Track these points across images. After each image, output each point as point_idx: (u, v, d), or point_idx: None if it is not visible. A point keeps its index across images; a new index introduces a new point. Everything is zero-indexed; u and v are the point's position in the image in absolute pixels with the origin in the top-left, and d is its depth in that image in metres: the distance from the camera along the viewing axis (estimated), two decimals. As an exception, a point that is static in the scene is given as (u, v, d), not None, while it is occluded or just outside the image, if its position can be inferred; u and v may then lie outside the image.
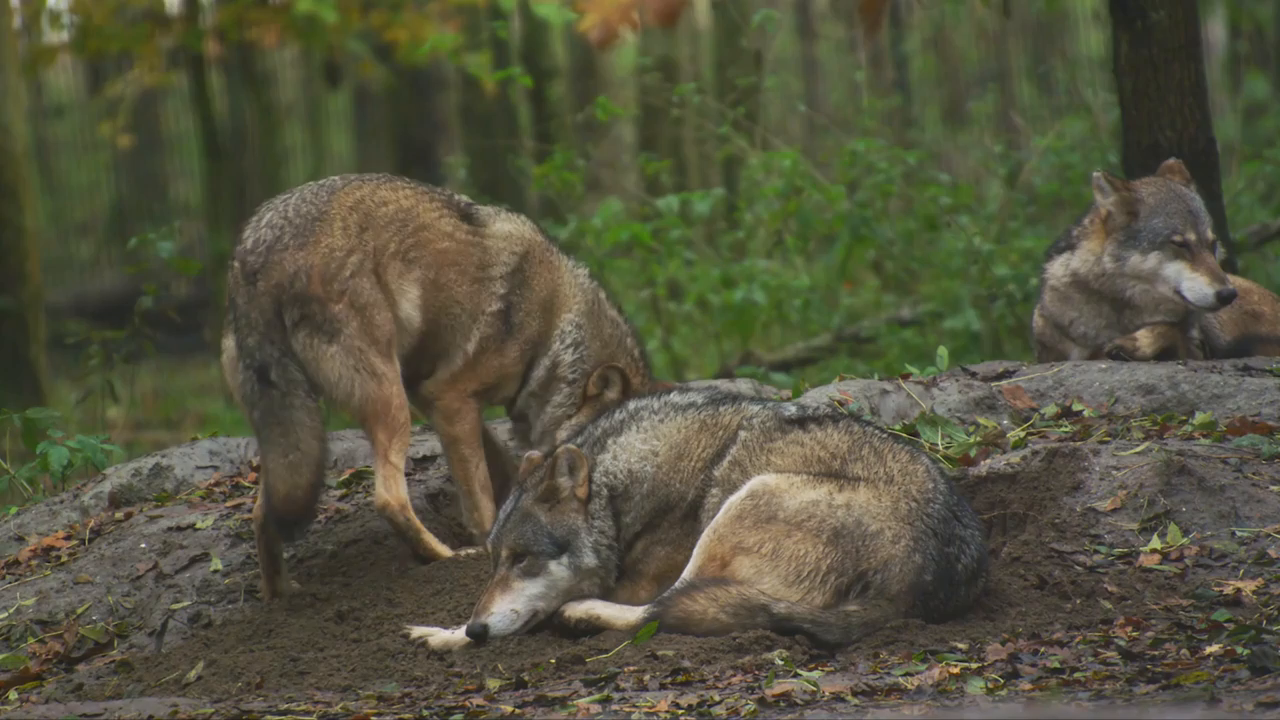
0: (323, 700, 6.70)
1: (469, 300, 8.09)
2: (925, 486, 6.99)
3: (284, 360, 7.76)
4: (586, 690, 6.52)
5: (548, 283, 8.21)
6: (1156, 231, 9.06)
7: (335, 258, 7.86)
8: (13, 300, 16.18)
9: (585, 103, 19.15)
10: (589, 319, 8.27)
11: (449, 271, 8.04)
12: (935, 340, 15.56)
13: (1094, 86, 17.65)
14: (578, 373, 8.22)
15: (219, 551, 8.19)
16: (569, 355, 8.23)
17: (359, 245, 7.91)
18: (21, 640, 7.93)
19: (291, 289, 7.81)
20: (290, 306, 7.81)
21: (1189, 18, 10.49)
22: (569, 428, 8.12)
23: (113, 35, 21.89)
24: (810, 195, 15.86)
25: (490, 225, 8.18)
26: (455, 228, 8.09)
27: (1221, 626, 6.65)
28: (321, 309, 7.81)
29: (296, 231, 7.91)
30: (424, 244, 8.02)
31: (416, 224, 8.02)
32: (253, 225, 7.93)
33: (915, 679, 6.33)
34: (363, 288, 7.86)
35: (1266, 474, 7.63)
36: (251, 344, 7.78)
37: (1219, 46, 22.20)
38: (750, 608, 6.82)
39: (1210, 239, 9.06)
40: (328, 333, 7.80)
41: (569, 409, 8.22)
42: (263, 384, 7.76)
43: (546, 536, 7.11)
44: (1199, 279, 8.98)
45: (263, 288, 7.83)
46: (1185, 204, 9.08)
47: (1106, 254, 9.12)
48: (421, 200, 8.09)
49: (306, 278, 7.82)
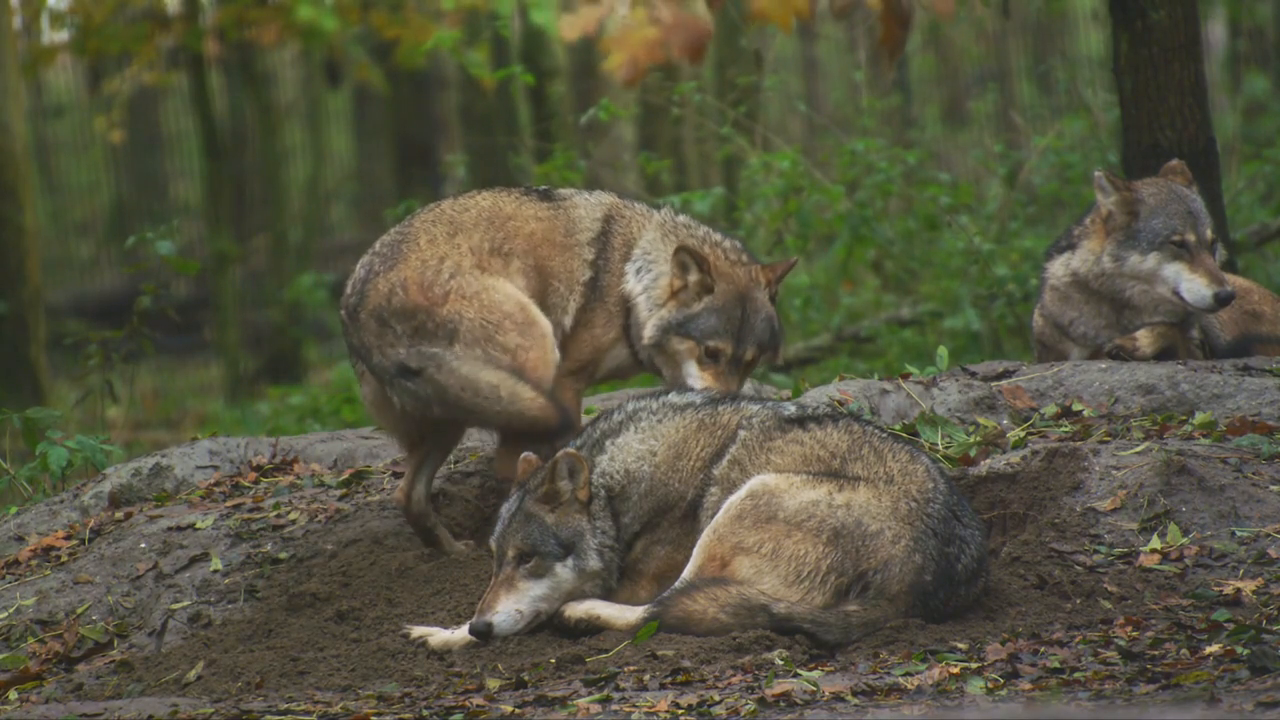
0: (323, 700, 6.70)
1: (564, 271, 7.99)
2: (925, 486, 6.99)
3: (412, 349, 7.70)
4: (586, 690, 6.52)
5: (624, 234, 8.10)
6: (1156, 232, 9.05)
7: (430, 265, 7.80)
8: (13, 300, 16.18)
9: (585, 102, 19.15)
10: (661, 240, 8.10)
11: (544, 249, 7.95)
12: (935, 340, 15.56)
13: (1094, 86, 17.64)
14: (661, 289, 8.06)
15: (219, 551, 8.19)
16: (646, 279, 8.09)
17: (452, 250, 7.85)
18: (21, 640, 7.93)
19: (390, 306, 7.74)
20: (395, 323, 7.74)
21: (1189, 17, 10.49)
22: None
23: (113, 35, 21.89)
24: (810, 195, 15.85)
25: (571, 199, 8.12)
26: (537, 209, 8.02)
27: (1221, 626, 6.65)
28: (429, 316, 7.75)
29: (384, 258, 7.88)
30: (515, 233, 7.94)
31: (503, 216, 7.97)
32: (349, 277, 7.93)
33: (915, 679, 6.33)
34: (467, 283, 7.79)
35: (1266, 474, 7.63)
36: (378, 359, 7.74)
37: (1219, 46, 22.20)
38: (750, 608, 6.83)
39: (1210, 239, 9.05)
40: (445, 336, 7.73)
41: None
42: (412, 376, 7.71)
43: (552, 538, 7.11)
44: (1197, 280, 8.98)
45: (364, 317, 7.78)
46: (1185, 205, 9.07)
47: (1106, 254, 9.11)
48: (500, 197, 8.06)
49: (404, 290, 7.76)
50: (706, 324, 7.99)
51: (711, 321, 7.99)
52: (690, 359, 7.98)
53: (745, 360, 7.98)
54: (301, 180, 25.29)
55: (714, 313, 7.99)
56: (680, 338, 7.99)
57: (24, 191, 16.45)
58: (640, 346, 8.05)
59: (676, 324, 7.98)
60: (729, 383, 7.93)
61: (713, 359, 7.95)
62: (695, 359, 7.97)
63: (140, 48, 22.22)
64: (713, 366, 7.95)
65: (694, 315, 7.98)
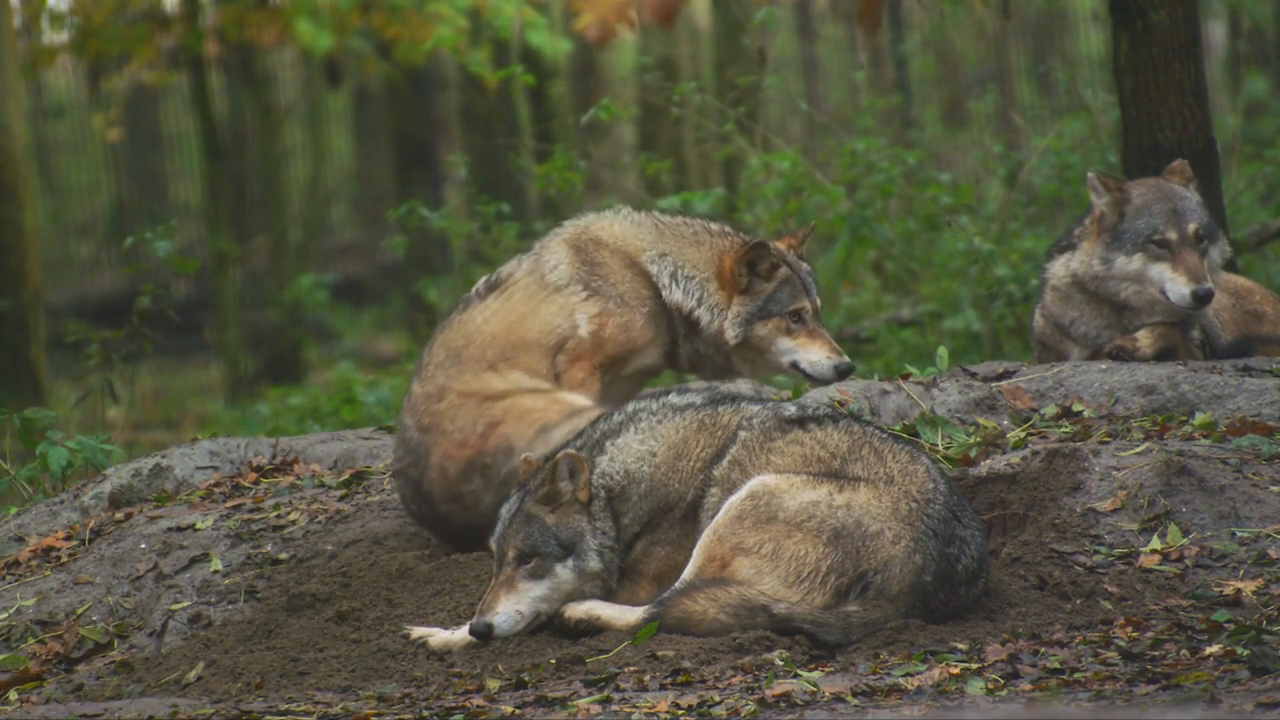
0: (323, 700, 6.70)
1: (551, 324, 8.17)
2: (925, 487, 6.99)
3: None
4: (586, 690, 6.52)
5: (612, 260, 8.24)
6: (1139, 232, 9.03)
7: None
8: (13, 300, 16.18)
9: (586, 102, 19.14)
10: (665, 243, 8.27)
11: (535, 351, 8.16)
12: (935, 340, 15.55)
13: (1094, 86, 17.63)
14: (697, 286, 8.23)
15: (219, 551, 8.19)
16: (681, 287, 8.23)
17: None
18: (21, 640, 7.93)
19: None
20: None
21: (1189, 18, 10.49)
22: (738, 317, 8.13)
23: (113, 36, 21.88)
24: (810, 195, 15.85)
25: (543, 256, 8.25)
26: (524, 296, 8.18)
27: (1221, 626, 6.65)
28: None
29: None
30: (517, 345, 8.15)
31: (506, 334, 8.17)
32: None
33: (915, 679, 6.33)
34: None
35: (1266, 474, 7.63)
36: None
37: (1219, 46, 22.20)
38: (750, 608, 6.82)
39: (1194, 235, 8.98)
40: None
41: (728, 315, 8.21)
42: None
43: (553, 539, 7.11)
44: (1178, 279, 8.95)
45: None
46: (1170, 203, 9.03)
47: (1095, 256, 9.10)
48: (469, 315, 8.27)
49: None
50: (783, 295, 8.21)
51: (785, 291, 8.22)
52: (779, 336, 8.11)
53: (819, 308, 8.33)
54: (301, 180, 25.29)
55: (784, 284, 8.24)
56: (762, 321, 8.13)
57: (24, 191, 16.45)
58: (705, 344, 8.20)
59: (755, 312, 8.14)
60: (823, 335, 8.26)
61: (800, 320, 8.16)
62: (784, 333, 8.10)
63: (140, 48, 22.22)
64: (803, 328, 8.21)
65: (770, 296, 8.20)
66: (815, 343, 8.20)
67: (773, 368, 8.26)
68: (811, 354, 8.19)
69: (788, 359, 8.21)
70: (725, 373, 8.31)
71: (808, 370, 8.20)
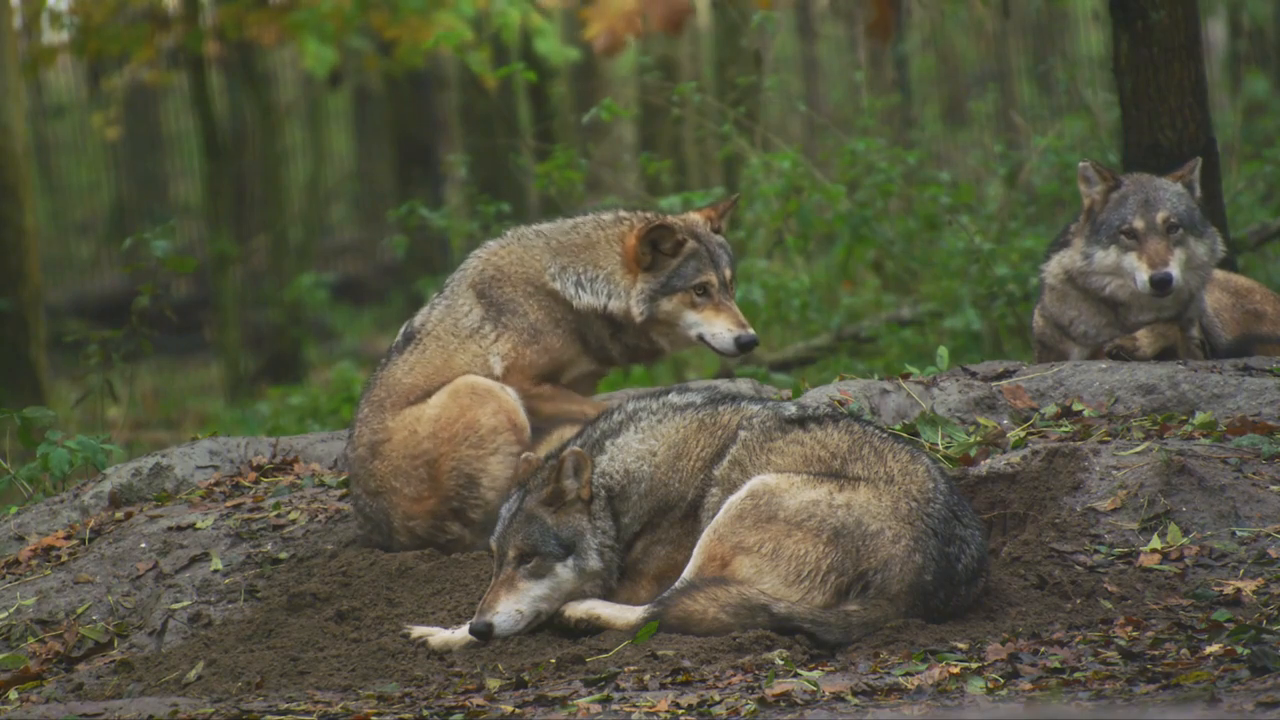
0: (323, 700, 6.70)
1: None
2: (925, 486, 6.99)
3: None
4: (586, 690, 6.52)
5: (515, 292, 8.26)
6: (1112, 224, 9.01)
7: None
8: (13, 300, 16.18)
9: (586, 102, 19.14)
10: (562, 256, 8.27)
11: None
12: (935, 340, 15.55)
13: (1094, 86, 17.63)
14: (603, 283, 8.24)
15: (219, 551, 8.19)
16: (589, 290, 8.23)
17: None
18: (21, 640, 7.93)
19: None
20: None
21: (1189, 17, 10.49)
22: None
23: (113, 35, 21.88)
24: (810, 195, 15.84)
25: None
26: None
27: (1221, 626, 6.65)
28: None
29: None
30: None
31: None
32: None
33: (915, 679, 6.33)
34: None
35: (1266, 474, 7.63)
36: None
37: (1219, 46, 22.20)
38: (750, 607, 6.82)
39: (1164, 223, 8.89)
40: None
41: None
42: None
43: (553, 538, 7.11)
44: (1140, 266, 8.94)
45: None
46: (1144, 193, 8.98)
47: (1079, 251, 9.09)
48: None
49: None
50: (687, 270, 8.18)
51: (690, 265, 8.17)
52: (685, 309, 8.10)
53: (729, 280, 8.21)
54: (301, 180, 25.28)
55: (689, 258, 8.18)
56: (667, 297, 8.11)
57: (24, 191, 16.45)
58: (629, 333, 8.17)
59: (658, 289, 8.11)
60: (729, 308, 8.19)
61: (705, 294, 8.14)
62: (689, 307, 8.09)
63: (140, 48, 22.22)
64: (708, 301, 8.16)
65: (675, 271, 8.16)
66: (720, 315, 8.14)
67: (685, 341, 8.22)
68: (715, 326, 8.15)
69: (694, 331, 8.15)
70: (654, 356, 8.32)
71: (710, 342, 8.17)
